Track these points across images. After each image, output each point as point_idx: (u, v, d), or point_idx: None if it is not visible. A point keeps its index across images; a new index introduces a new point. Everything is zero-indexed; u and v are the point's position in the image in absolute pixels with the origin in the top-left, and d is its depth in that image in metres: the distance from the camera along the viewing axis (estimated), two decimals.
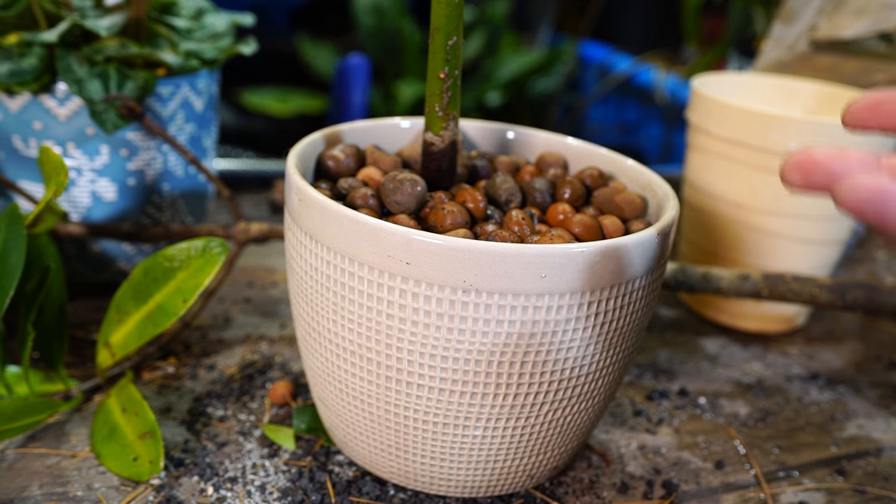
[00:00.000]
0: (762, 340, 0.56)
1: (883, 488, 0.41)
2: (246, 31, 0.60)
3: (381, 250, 0.29)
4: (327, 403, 0.36)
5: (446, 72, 0.33)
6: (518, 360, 0.31)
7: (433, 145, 0.35)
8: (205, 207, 0.55)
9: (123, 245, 0.50)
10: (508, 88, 1.42)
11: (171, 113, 0.48)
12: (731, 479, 0.41)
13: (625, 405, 0.46)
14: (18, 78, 0.43)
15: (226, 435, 0.40)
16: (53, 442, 0.39)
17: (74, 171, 0.47)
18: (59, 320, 0.41)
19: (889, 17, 0.67)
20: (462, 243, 0.28)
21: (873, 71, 0.69)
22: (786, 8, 0.76)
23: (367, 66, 1.02)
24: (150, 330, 0.38)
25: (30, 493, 0.35)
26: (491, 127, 0.43)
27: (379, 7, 1.33)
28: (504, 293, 0.29)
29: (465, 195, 0.34)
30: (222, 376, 0.45)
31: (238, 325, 0.51)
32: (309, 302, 0.34)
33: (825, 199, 0.22)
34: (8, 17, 0.45)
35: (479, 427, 0.33)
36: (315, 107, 1.33)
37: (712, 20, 1.49)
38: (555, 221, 0.34)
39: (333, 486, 0.37)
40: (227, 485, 0.37)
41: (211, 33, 0.52)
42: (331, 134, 0.39)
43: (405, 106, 1.26)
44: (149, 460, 0.35)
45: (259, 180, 0.74)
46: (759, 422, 0.46)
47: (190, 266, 0.39)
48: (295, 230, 0.33)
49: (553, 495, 0.38)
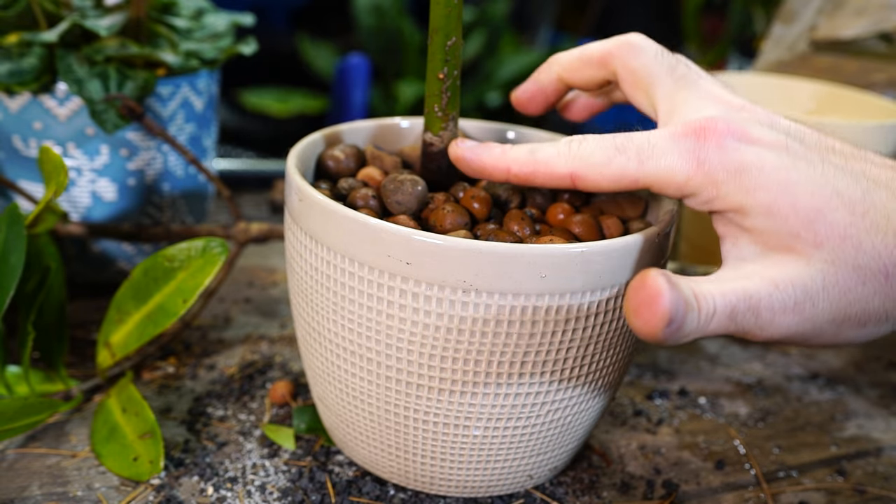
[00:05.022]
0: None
1: (883, 488, 0.41)
2: (246, 31, 0.60)
3: (381, 250, 0.29)
4: (327, 403, 0.36)
5: (445, 72, 0.33)
6: (518, 360, 0.31)
7: (433, 145, 0.35)
8: (205, 207, 0.55)
9: (123, 245, 0.50)
10: (508, 88, 1.42)
11: (171, 113, 0.48)
12: (731, 479, 0.41)
13: (625, 405, 0.46)
14: (18, 78, 0.43)
15: (226, 435, 0.40)
16: (53, 442, 0.39)
17: (74, 171, 0.47)
18: (59, 320, 0.41)
19: (889, 17, 0.67)
20: (462, 243, 0.28)
21: (873, 71, 0.70)
22: (786, 8, 0.76)
23: (367, 66, 1.02)
24: (151, 330, 0.38)
25: (30, 493, 0.35)
26: (491, 127, 0.43)
27: (379, 7, 1.33)
28: (504, 293, 0.29)
29: (469, 195, 0.34)
30: (222, 376, 0.45)
31: (238, 325, 0.51)
32: (309, 302, 0.34)
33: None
34: (8, 16, 0.45)
35: (479, 427, 0.33)
36: (315, 107, 1.33)
37: (712, 20, 1.49)
38: (555, 221, 0.34)
39: (333, 486, 0.37)
40: (227, 485, 0.37)
41: (211, 33, 0.52)
42: (331, 134, 0.39)
43: (405, 106, 1.26)
44: (149, 460, 0.35)
45: (259, 180, 0.74)
46: (759, 422, 0.46)
47: (190, 266, 0.39)
48: (295, 230, 0.33)
49: (553, 495, 0.38)
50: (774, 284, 0.27)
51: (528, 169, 0.31)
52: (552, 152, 0.30)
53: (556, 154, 0.30)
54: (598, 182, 0.30)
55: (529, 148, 0.31)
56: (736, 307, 0.26)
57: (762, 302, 0.26)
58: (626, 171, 0.29)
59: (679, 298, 0.25)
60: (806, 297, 0.27)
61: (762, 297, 0.26)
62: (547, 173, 0.30)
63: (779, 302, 0.26)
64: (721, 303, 0.26)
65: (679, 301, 0.25)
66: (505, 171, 0.31)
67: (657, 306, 0.25)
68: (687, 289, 0.26)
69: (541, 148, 0.31)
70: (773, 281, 0.27)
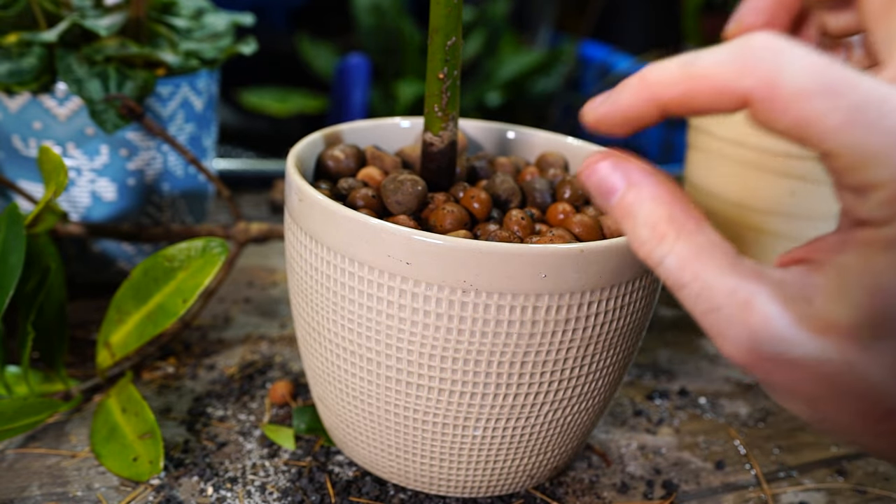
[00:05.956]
0: None
1: (883, 488, 0.41)
2: (246, 31, 0.60)
3: (381, 250, 0.29)
4: (327, 403, 0.36)
5: (445, 72, 0.33)
6: (518, 360, 0.31)
7: (432, 145, 0.35)
8: (205, 207, 0.55)
9: (123, 245, 0.50)
10: (508, 88, 1.42)
11: (171, 113, 0.48)
12: (731, 479, 0.41)
13: (625, 405, 0.46)
14: (18, 78, 0.43)
15: (226, 435, 0.40)
16: (53, 442, 0.39)
17: (74, 171, 0.47)
18: (59, 320, 0.41)
19: None
20: (462, 243, 0.28)
21: None
22: None
23: (367, 66, 1.02)
24: (150, 330, 0.38)
25: (30, 493, 0.35)
26: (491, 127, 0.43)
27: (379, 7, 1.33)
28: (504, 293, 0.29)
29: (469, 195, 0.34)
30: (222, 376, 0.45)
31: (238, 325, 0.51)
32: (309, 302, 0.33)
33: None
34: (8, 16, 0.45)
35: (479, 427, 0.33)
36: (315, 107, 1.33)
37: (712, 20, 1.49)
38: (555, 221, 0.34)
39: (333, 486, 0.37)
40: (227, 485, 0.37)
41: (211, 33, 0.52)
42: (331, 134, 0.39)
43: (405, 106, 1.26)
44: (149, 460, 0.35)
45: (259, 180, 0.74)
46: (759, 422, 0.46)
47: (190, 266, 0.39)
48: (295, 230, 0.33)
49: (553, 495, 0.38)
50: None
51: (681, 87, 0.21)
52: (718, 58, 0.20)
53: (727, 59, 0.20)
54: (793, 114, 0.19)
55: (681, 59, 0.21)
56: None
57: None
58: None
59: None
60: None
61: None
62: (712, 89, 0.20)
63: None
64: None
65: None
66: (651, 101, 0.22)
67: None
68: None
69: (699, 55, 0.21)
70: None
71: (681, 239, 0.21)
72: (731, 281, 0.21)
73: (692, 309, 0.22)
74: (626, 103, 0.22)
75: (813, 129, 0.19)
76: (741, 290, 0.20)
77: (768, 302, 0.20)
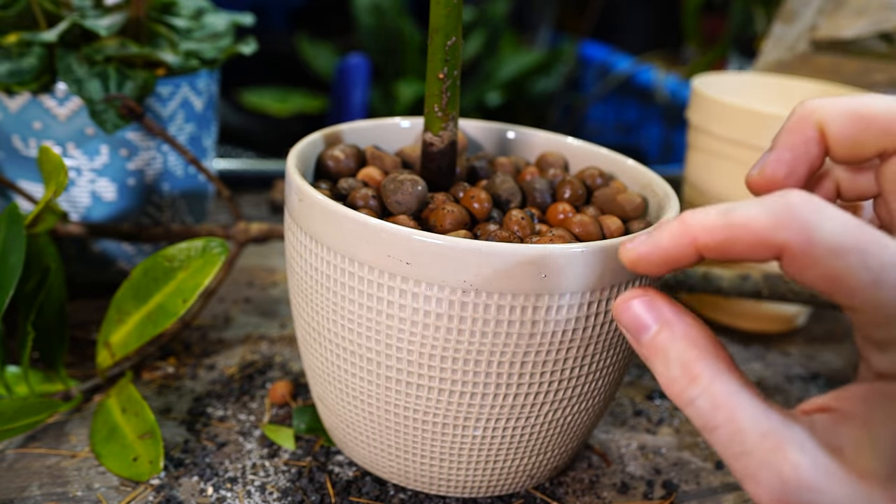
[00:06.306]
0: (762, 340, 0.56)
1: None
2: (246, 31, 0.60)
3: (381, 250, 0.29)
4: (327, 403, 0.36)
5: (445, 72, 0.33)
6: (518, 360, 0.31)
7: (432, 145, 0.35)
8: (205, 207, 0.55)
9: (123, 245, 0.50)
10: (508, 88, 1.42)
11: (171, 113, 0.48)
12: (731, 479, 0.41)
13: (625, 405, 0.46)
14: (18, 78, 0.43)
15: (226, 435, 0.40)
16: (53, 442, 0.39)
17: (74, 171, 0.47)
18: (59, 320, 0.41)
19: (889, 17, 0.67)
20: (462, 243, 0.28)
21: (873, 71, 0.70)
22: (786, 8, 0.76)
23: (367, 66, 1.02)
24: (150, 330, 0.38)
25: (30, 493, 0.35)
26: (491, 127, 0.43)
27: (379, 7, 1.33)
28: (504, 293, 0.29)
29: (469, 195, 0.34)
30: (222, 376, 0.45)
31: (238, 325, 0.51)
32: (309, 302, 0.33)
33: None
34: (7, 16, 0.45)
35: (479, 427, 0.33)
36: (315, 107, 1.33)
37: (712, 20, 1.49)
38: (555, 221, 0.34)
39: (333, 486, 0.37)
40: (227, 485, 0.37)
41: (211, 33, 0.52)
42: (331, 134, 0.39)
43: (405, 106, 1.27)
44: (149, 460, 0.35)
45: (259, 180, 0.74)
46: None
47: (190, 266, 0.39)
48: (295, 230, 0.33)
49: (553, 495, 0.38)
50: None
51: (720, 235, 0.22)
52: (757, 211, 0.21)
53: (766, 212, 0.21)
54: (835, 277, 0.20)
55: (720, 209, 0.22)
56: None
57: None
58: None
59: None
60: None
61: None
62: (750, 240, 0.21)
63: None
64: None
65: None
66: (691, 246, 0.22)
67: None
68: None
69: (738, 206, 0.21)
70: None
71: (716, 381, 0.22)
72: (763, 425, 0.21)
73: (722, 451, 0.22)
74: (667, 245, 0.23)
75: (843, 285, 0.20)
76: (773, 435, 0.21)
77: (800, 450, 0.21)
